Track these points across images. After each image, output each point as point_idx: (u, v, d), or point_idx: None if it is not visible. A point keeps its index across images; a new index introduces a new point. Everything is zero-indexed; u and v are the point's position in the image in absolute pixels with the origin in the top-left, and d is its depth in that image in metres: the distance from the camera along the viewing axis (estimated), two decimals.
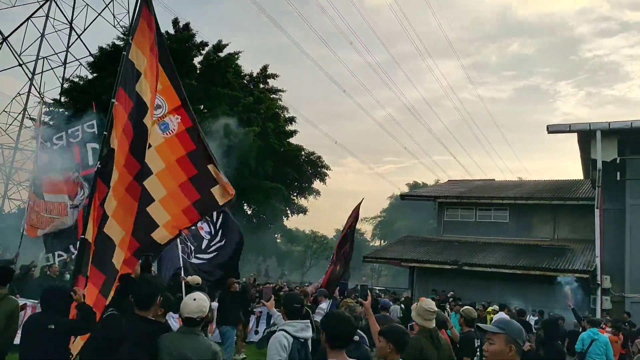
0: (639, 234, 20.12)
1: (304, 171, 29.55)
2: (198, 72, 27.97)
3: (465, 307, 6.66)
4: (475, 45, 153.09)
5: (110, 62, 26.92)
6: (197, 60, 28.77)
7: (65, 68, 39.55)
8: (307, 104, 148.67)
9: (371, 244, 60.85)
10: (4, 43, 38.25)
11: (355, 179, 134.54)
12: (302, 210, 30.41)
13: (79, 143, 10.70)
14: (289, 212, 29.99)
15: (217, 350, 3.50)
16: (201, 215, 5.48)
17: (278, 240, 39.56)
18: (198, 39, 28.41)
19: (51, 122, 23.96)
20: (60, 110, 26.34)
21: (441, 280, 23.12)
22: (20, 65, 39.21)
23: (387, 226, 61.54)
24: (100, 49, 28.73)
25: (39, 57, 38.42)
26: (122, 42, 28.16)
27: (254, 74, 30.16)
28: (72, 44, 42.88)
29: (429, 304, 4.66)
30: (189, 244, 9.99)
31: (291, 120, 31.10)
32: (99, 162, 4.54)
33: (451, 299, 20.33)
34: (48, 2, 41.99)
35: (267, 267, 39.53)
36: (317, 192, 31.28)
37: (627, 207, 20.64)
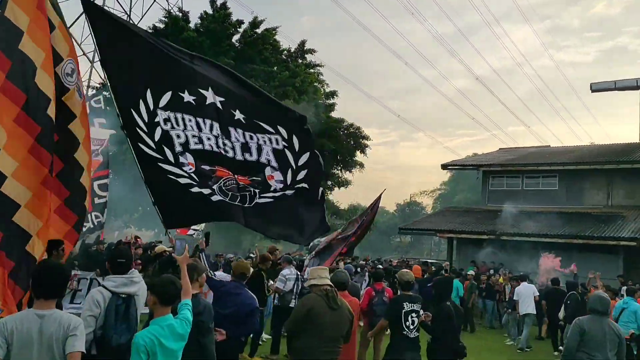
0: None
1: (344, 144, 29.14)
2: (235, 51, 28.21)
3: (402, 270, 6.41)
4: (555, 8, 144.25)
5: None
6: (235, 38, 29.02)
7: None
8: (375, 79, 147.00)
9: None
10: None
11: (427, 153, 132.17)
12: (344, 184, 30.14)
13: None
14: (330, 184, 29.86)
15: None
16: None
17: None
18: (247, 19, 28.69)
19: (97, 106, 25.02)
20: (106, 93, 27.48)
21: (482, 251, 22.29)
22: (82, 54, 41.47)
23: (447, 199, 60.09)
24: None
25: None
26: (163, 25, 28.94)
27: (292, 50, 30.09)
28: None
29: None
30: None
31: (332, 94, 30.82)
32: None
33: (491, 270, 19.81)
34: None
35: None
36: (361, 165, 30.81)
37: None
